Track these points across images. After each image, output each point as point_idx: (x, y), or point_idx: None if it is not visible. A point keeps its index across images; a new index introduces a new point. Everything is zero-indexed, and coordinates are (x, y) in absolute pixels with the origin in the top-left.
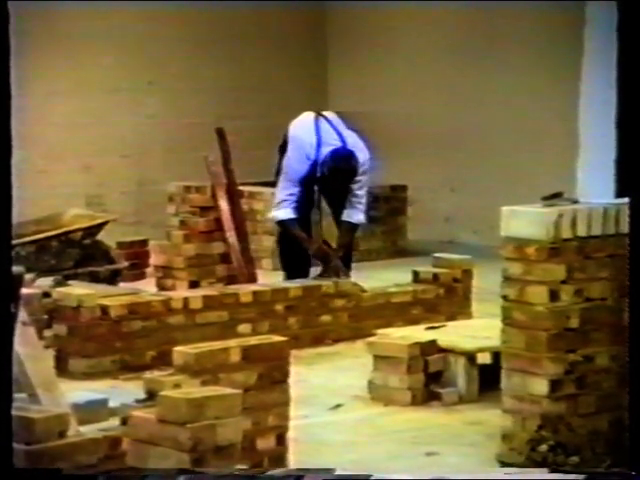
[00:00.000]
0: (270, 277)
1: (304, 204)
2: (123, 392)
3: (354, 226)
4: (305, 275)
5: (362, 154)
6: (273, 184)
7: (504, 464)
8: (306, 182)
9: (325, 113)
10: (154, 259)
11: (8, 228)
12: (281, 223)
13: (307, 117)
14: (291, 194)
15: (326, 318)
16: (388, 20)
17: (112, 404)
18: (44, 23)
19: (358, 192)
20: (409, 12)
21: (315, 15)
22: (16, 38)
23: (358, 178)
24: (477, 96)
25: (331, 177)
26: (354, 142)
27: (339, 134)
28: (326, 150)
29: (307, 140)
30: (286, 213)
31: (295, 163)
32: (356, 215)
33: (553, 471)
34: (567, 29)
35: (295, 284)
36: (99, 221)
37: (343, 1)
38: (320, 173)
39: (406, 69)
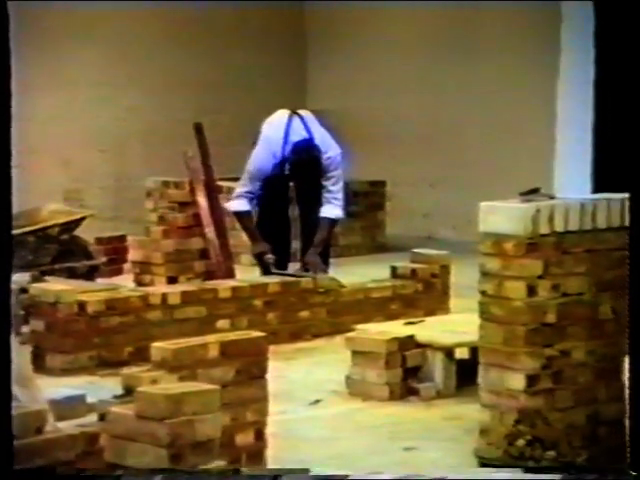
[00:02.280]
0: (249, 273)
1: (277, 201)
2: (101, 388)
3: (332, 222)
4: (283, 267)
5: (332, 150)
6: None
7: (482, 459)
8: (276, 179)
9: (300, 111)
10: (132, 255)
11: (8, 225)
12: (235, 214)
13: (280, 115)
14: (249, 192)
15: (305, 314)
16: (366, 18)
17: (90, 400)
18: (24, 17)
19: (332, 188)
20: (387, 10)
21: (294, 13)
22: None
23: (331, 174)
24: (455, 93)
25: (295, 170)
26: (322, 138)
27: (308, 131)
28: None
29: (275, 138)
30: (240, 205)
31: (259, 161)
32: (333, 210)
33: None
34: (544, 26)
35: (274, 280)
36: (77, 216)
37: (322, 0)
38: (287, 169)
39: (385, 66)
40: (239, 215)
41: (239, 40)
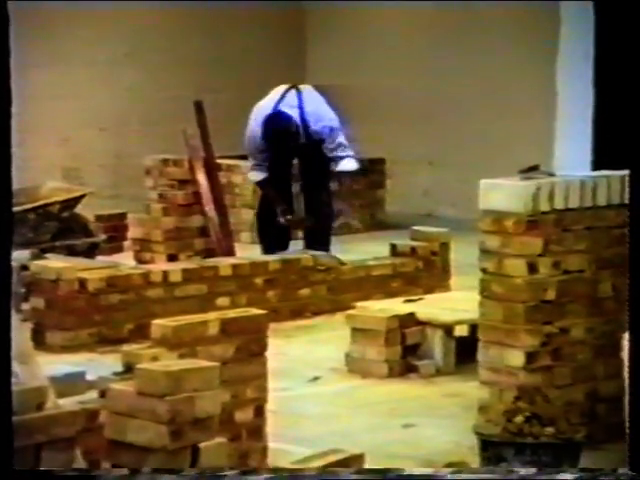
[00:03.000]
0: (249, 250)
1: (279, 175)
2: (101, 365)
3: (347, 173)
4: (283, 248)
5: (326, 121)
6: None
7: (481, 435)
8: (280, 152)
9: (301, 86)
10: (132, 232)
11: (8, 202)
12: (256, 184)
13: (278, 88)
14: (255, 163)
15: (305, 291)
16: None
17: (90, 377)
18: None
19: (339, 152)
20: None
21: None
22: None
23: (331, 144)
24: (455, 69)
25: (269, 142)
26: (316, 110)
27: (300, 104)
28: None
29: (264, 109)
30: (252, 176)
31: (248, 131)
32: (348, 163)
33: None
34: (544, 2)
35: (274, 258)
36: (77, 194)
37: None
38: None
39: (385, 43)
40: (256, 185)
41: (239, 16)
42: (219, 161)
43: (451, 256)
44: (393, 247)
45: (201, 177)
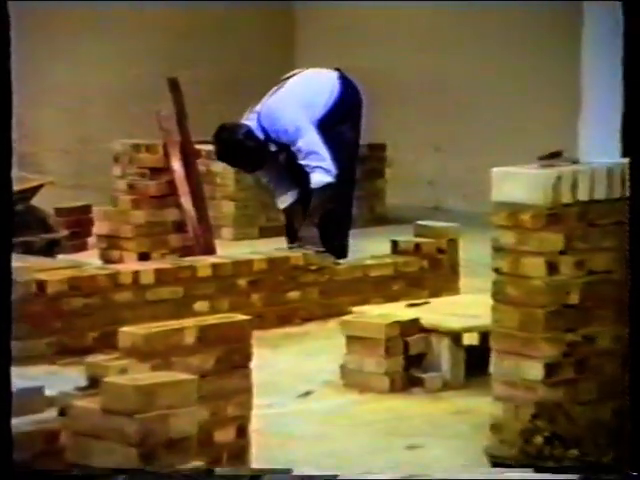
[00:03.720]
0: (230, 248)
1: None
2: (62, 379)
3: (321, 190)
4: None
5: (277, 126)
6: None
7: (494, 458)
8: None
9: (296, 76)
10: (98, 227)
11: (9, 218)
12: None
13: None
14: (274, 188)
15: (294, 294)
16: None
17: (49, 392)
18: None
19: (305, 161)
20: None
21: None
22: None
23: (295, 148)
24: (464, 44)
25: (225, 163)
26: (269, 112)
27: (262, 106)
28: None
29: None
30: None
31: None
32: (318, 178)
33: (549, 471)
34: None
35: (259, 256)
36: (34, 184)
37: None
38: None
39: (383, 18)
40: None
41: None
42: (197, 147)
43: (460, 254)
44: (394, 244)
45: (177, 165)
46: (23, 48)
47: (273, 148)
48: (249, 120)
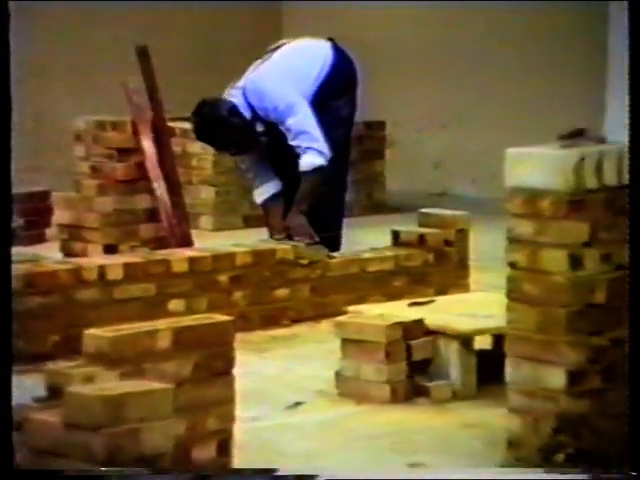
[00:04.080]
0: (210, 239)
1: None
2: (18, 388)
3: (311, 173)
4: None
5: (264, 102)
6: None
7: None
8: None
9: (285, 45)
10: (58, 216)
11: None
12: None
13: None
14: (252, 177)
15: (282, 292)
16: None
17: None
18: None
19: (296, 141)
20: None
21: None
22: None
23: (285, 127)
24: (472, 9)
25: (205, 143)
26: (256, 86)
27: (246, 80)
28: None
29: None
30: (258, 194)
31: None
32: (308, 160)
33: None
34: None
35: (243, 248)
36: None
37: None
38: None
39: None
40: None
41: None
42: (171, 124)
43: (470, 247)
44: (395, 235)
45: (148, 145)
46: None
47: (260, 128)
48: (233, 96)
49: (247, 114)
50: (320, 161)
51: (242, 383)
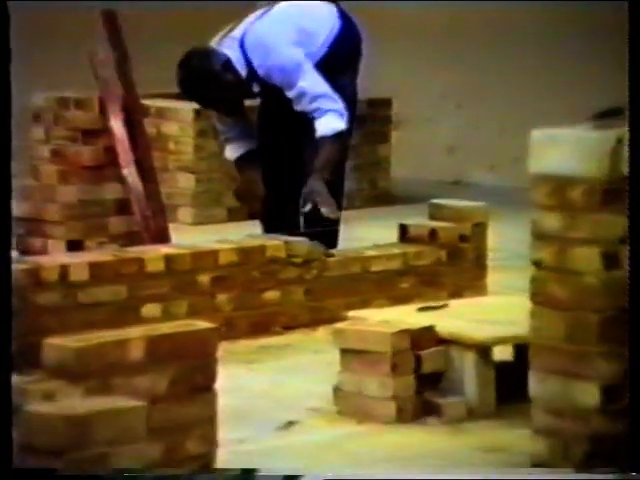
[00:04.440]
0: (189, 234)
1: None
2: None
3: (332, 138)
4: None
5: (268, 60)
6: None
7: None
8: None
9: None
10: (14, 208)
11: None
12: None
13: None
14: (226, 132)
15: (273, 295)
16: None
17: None
18: None
19: (311, 105)
20: None
21: None
22: None
23: (293, 92)
24: None
25: (190, 98)
26: (258, 41)
27: (244, 32)
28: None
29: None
30: (230, 151)
31: None
32: (328, 124)
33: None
34: None
35: (227, 245)
36: None
37: None
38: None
39: None
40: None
41: None
42: (145, 102)
43: (489, 243)
44: (403, 230)
45: (117, 125)
46: None
47: (256, 89)
48: (226, 47)
49: (243, 71)
50: (342, 125)
51: (226, 400)
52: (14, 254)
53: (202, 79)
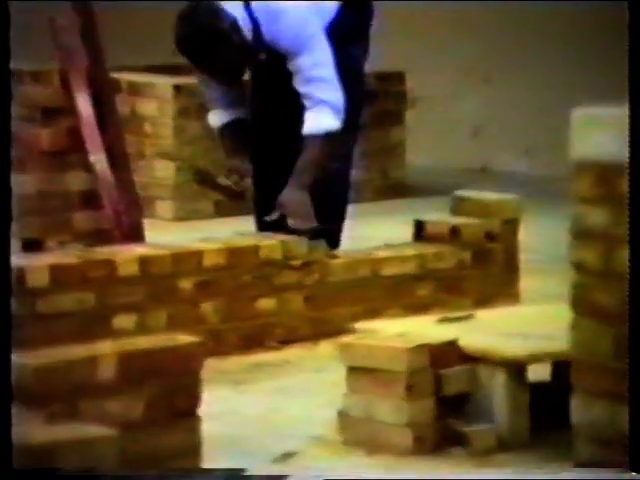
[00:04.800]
0: (169, 231)
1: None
2: None
3: (319, 139)
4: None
5: (277, 24)
6: (173, 69)
7: None
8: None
9: None
10: None
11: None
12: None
13: None
14: (212, 96)
15: (267, 303)
16: None
17: None
18: None
19: (307, 88)
20: None
21: None
22: None
23: (292, 68)
24: None
25: (188, 58)
26: (269, 5)
27: None
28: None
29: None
30: (214, 117)
31: None
32: (318, 120)
33: None
34: None
35: (214, 244)
36: None
37: None
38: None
39: None
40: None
41: None
42: (115, 75)
43: (521, 242)
44: (419, 226)
45: (83, 103)
46: None
47: (263, 56)
48: (229, 6)
49: (248, 33)
50: (333, 123)
51: (213, 427)
52: None
53: (208, 38)
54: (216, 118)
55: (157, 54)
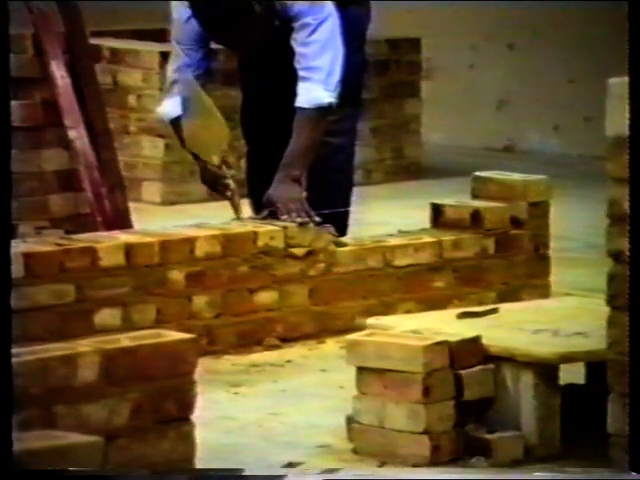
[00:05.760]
0: (157, 217)
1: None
2: None
3: (310, 114)
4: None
5: None
6: (160, 35)
7: None
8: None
9: None
10: None
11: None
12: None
13: None
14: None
15: (267, 296)
16: None
17: None
18: None
19: (307, 60)
20: None
21: None
22: None
23: (298, 34)
24: None
25: (208, 29)
26: None
27: None
28: None
29: None
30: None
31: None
32: (310, 93)
33: None
34: None
35: (207, 231)
36: None
37: None
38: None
39: None
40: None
41: None
42: (95, 41)
43: (552, 228)
44: (436, 211)
45: (60, 73)
46: None
47: (277, 22)
48: None
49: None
50: (327, 98)
51: (207, 434)
52: None
53: (233, 4)
54: (170, 110)
55: (142, 18)
